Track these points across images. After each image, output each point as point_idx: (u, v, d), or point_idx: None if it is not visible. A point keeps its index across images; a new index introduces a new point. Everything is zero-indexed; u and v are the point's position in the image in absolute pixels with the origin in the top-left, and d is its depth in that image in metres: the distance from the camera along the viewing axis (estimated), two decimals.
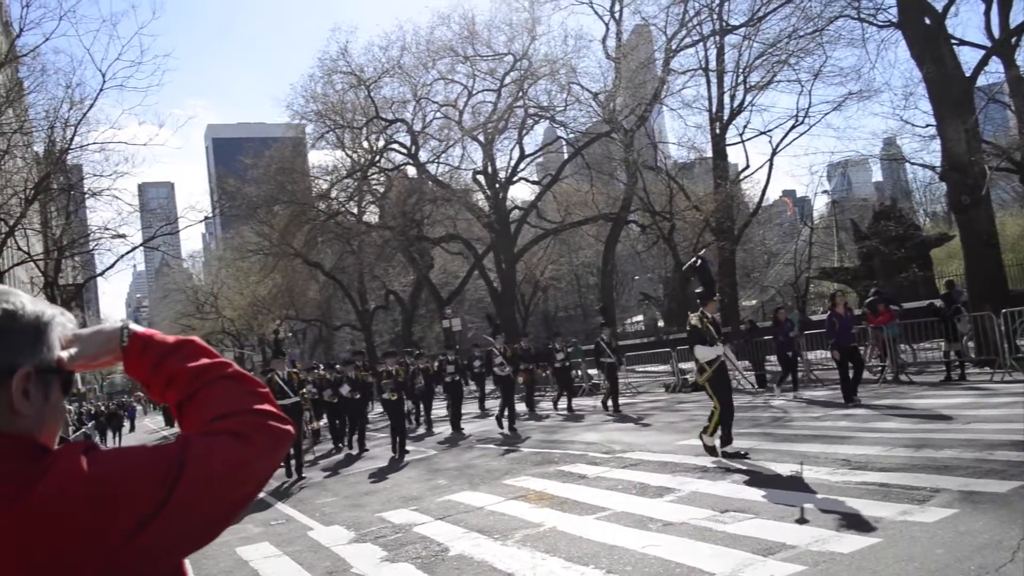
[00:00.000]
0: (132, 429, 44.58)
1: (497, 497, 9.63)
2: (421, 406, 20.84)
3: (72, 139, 28.53)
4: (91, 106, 28.51)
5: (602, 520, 7.74)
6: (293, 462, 14.06)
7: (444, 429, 19.02)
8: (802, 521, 6.62)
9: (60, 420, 1.30)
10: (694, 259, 11.53)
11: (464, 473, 11.94)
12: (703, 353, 10.52)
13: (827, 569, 5.40)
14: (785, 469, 8.80)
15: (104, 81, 27.93)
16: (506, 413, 17.15)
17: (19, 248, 28.87)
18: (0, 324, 1.21)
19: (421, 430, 19.89)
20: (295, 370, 15.62)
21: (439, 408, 23.00)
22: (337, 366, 20.09)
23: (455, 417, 18.55)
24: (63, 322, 1.31)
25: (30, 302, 1.26)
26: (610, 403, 18.30)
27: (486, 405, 23.19)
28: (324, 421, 20.19)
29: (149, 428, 43.89)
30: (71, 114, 28.35)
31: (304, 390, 14.87)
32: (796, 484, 8.06)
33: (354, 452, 17.02)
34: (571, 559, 6.60)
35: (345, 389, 17.59)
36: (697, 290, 11.56)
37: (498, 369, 18.26)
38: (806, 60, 28.78)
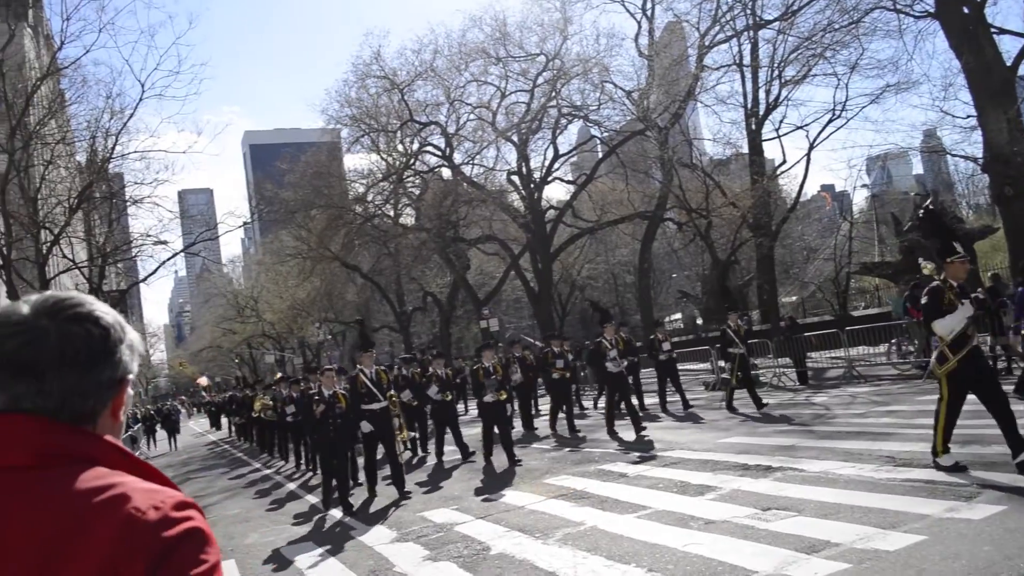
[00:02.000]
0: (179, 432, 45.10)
1: (538, 496, 9.65)
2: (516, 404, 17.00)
3: (113, 148, 29.10)
4: (131, 115, 29.11)
5: (643, 519, 7.72)
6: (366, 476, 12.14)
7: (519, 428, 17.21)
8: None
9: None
10: (925, 201, 9.50)
11: (504, 472, 11.98)
12: (949, 324, 7.56)
13: (872, 567, 5.34)
14: (828, 467, 8.71)
15: (143, 91, 28.48)
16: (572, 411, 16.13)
17: (64, 256, 29.45)
18: (115, 335, 1.29)
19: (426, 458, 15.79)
20: (383, 367, 13.11)
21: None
22: (417, 356, 18.54)
23: (553, 416, 16.26)
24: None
25: (117, 313, 1.34)
26: (734, 401, 15.65)
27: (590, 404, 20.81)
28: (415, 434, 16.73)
29: (194, 431, 44.23)
30: (112, 124, 28.94)
31: (392, 392, 12.45)
32: (840, 482, 7.98)
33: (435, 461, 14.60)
34: (612, 558, 6.60)
35: (433, 390, 15.05)
36: (927, 242, 9.08)
37: (611, 364, 14.60)
38: (842, 53, 28.49)
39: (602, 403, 18.18)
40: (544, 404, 19.08)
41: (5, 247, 26.24)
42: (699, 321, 48.97)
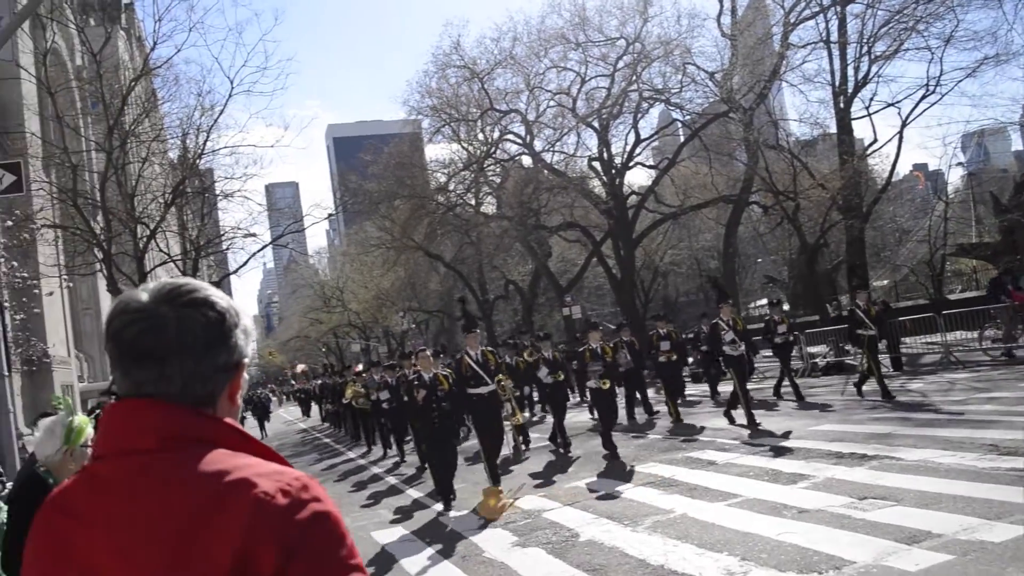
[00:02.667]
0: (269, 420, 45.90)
1: (626, 484, 9.60)
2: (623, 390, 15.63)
3: (204, 144, 29.93)
4: (221, 112, 29.84)
5: (733, 507, 7.62)
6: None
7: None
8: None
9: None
10: None
11: (591, 460, 11.94)
12: None
13: (978, 558, 5.15)
14: (927, 455, 8.42)
15: (232, 87, 29.18)
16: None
17: (160, 250, 30.51)
18: (231, 320, 1.32)
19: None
20: (490, 349, 12.29)
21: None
22: (516, 342, 17.02)
23: (672, 401, 15.30)
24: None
25: (230, 299, 1.37)
26: (865, 386, 14.40)
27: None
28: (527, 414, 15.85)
29: (284, 419, 45.27)
30: (203, 121, 29.74)
31: (500, 377, 11.56)
32: (940, 471, 7.71)
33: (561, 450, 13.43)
34: (704, 545, 6.53)
35: (543, 372, 14.46)
36: None
37: (729, 348, 13.65)
38: (936, 25, 27.28)
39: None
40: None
41: (106, 242, 27.32)
42: (786, 307, 47.91)
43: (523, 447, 14.32)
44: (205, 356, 1.27)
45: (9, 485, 6.04)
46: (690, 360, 21.92)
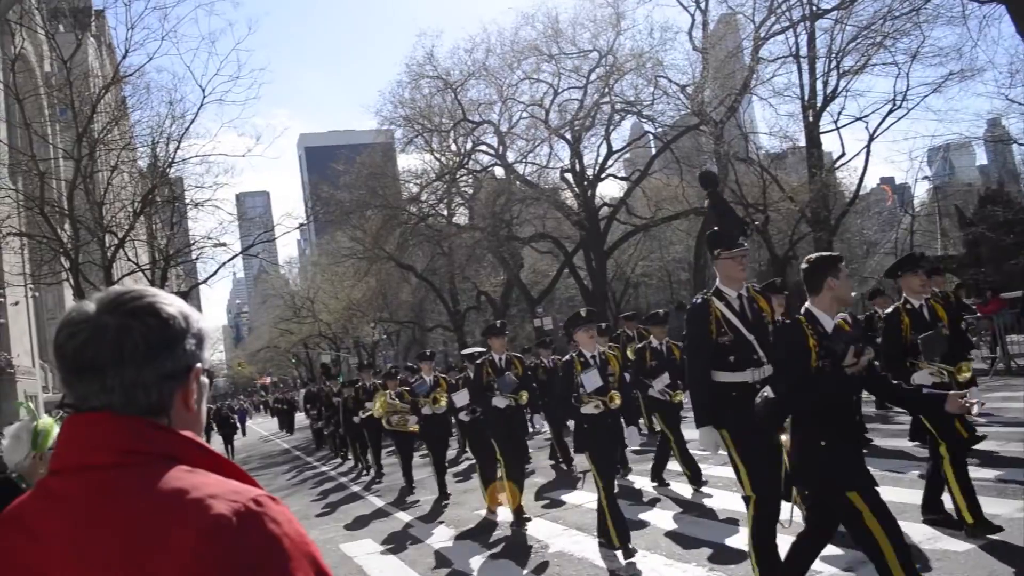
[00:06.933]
0: (243, 433, 41.30)
1: (596, 495, 9.60)
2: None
3: (175, 153, 29.70)
4: (192, 120, 29.68)
5: (702, 518, 7.68)
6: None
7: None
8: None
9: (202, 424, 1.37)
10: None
11: (562, 471, 11.93)
12: None
13: (942, 567, 5.23)
14: (893, 465, 8.51)
15: (204, 96, 29.02)
16: None
17: (128, 259, 30.18)
18: (176, 326, 1.29)
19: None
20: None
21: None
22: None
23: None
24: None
25: (183, 304, 1.34)
26: None
27: None
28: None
29: (260, 434, 42.70)
30: (174, 129, 29.53)
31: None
32: (904, 481, 7.79)
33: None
34: (672, 556, 6.56)
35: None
36: None
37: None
38: (903, 41, 27.85)
39: None
40: None
41: (73, 251, 26.99)
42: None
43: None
44: (146, 365, 1.24)
45: None
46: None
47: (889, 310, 6.65)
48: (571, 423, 7.27)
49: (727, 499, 8.21)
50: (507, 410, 9.14)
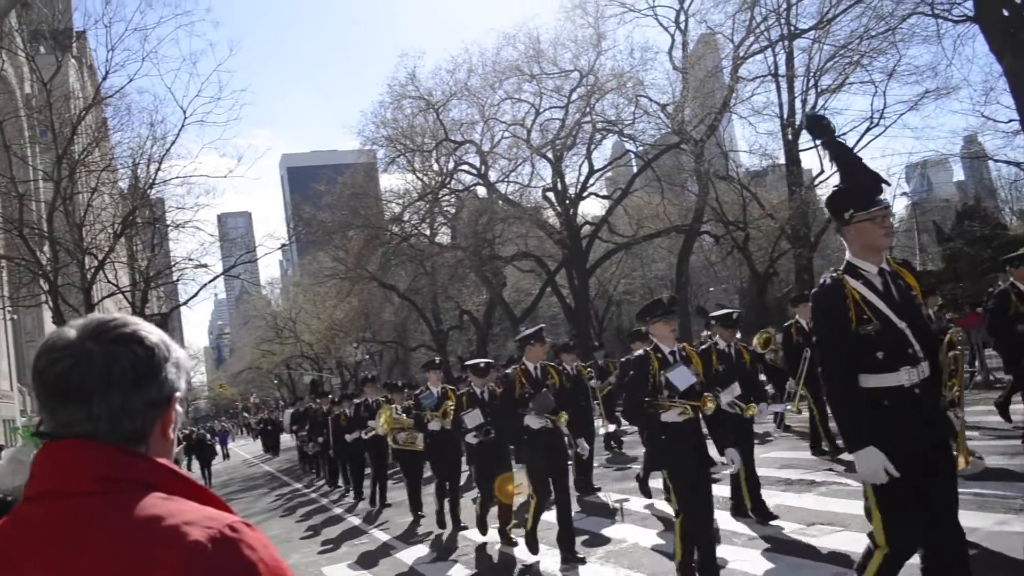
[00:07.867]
0: (226, 456, 41.16)
1: (578, 512, 9.57)
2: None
3: (156, 174, 29.61)
4: (173, 142, 29.59)
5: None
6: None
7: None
8: None
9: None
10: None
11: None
12: None
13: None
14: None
15: (185, 117, 29.00)
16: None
17: (109, 281, 29.97)
18: (160, 354, 1.30)
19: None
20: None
21: None
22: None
23: None
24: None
25: (162, 332, 1.35)
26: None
27: None
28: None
29: (242, 456, 41.86)
30: (154, 150, 29.44)
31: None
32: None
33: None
34: (656, 575, 6.54)
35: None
36: None
37: None
38: (879, 60, 28.21)
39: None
40: None
41: (52, 273, 26.79)
42: (737, 335, 48.38)
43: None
44: (133, 392, 1.25)
45: None
46: None
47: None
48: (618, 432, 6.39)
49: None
50: (543, 431, 7.44)
